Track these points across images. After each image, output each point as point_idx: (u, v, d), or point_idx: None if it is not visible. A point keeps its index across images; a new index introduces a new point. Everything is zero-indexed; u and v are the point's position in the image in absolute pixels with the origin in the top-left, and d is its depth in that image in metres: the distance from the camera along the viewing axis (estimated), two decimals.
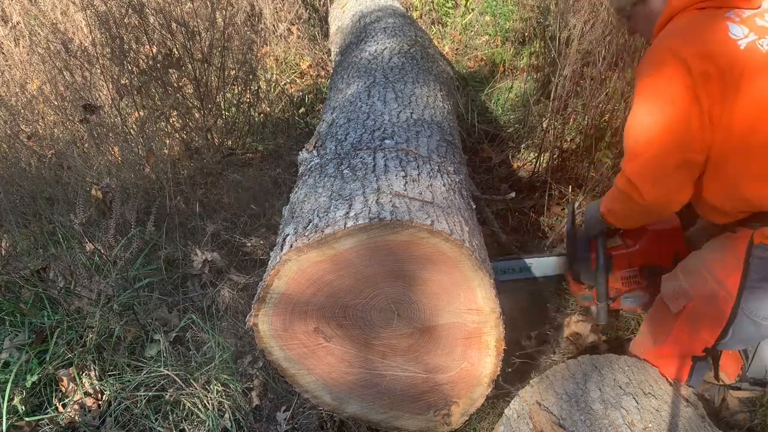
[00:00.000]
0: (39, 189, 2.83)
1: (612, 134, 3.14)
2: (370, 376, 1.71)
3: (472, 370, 1.67)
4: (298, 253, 1.48)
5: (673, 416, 1.44)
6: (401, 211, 1.48)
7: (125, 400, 2.09)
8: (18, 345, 2.22)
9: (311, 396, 1.75)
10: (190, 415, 2.03)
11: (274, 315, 1.59)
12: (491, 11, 5.05)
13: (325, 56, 4.66)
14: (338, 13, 4.14)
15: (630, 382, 1.55)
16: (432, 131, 2.10)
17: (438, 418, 1.76)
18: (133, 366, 2.19)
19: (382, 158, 1.80)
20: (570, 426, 1.44)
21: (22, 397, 2.10)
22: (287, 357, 1.66)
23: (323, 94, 4.24)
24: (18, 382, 2.12)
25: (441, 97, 2.54)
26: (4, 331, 2.26)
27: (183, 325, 2.31)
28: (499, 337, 1.60)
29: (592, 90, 3.13)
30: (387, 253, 1.49)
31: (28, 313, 2.30)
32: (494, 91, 4.25)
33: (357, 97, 2.36)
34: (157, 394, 2.08)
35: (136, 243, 2.43)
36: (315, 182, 1.77)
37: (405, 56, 2.79)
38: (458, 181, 1.90)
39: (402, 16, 3.55)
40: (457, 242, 1.46)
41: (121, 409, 2.09)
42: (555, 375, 1.65)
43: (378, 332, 1.62)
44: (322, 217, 1.54)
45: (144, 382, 2.12)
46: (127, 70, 2.93)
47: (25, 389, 2.12)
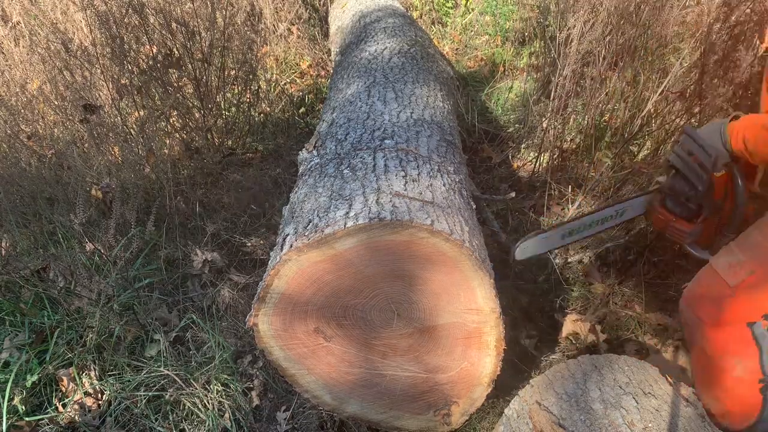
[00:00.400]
0: (39, 189, 2.83)
1: (612, 134, 3.15)
2: (370, 376, 1.71)
3: (472, 369, 1.67)
4: (298, 253, 1.49)
5: (673, 416, 1.44)
6: (401, 210, 1.48)
7: (125, 400, 2.09)
8: (18, 345, 2.22)
9: (311, 396, 1.75)
10: (190, 415, 2.04)
11: (274, 315, 1.59)
12: (491, 11, 5.05)
13: (325, 56, 4.66)
14: (338, 13, 4.14)
15: (630, 382, 1.55)
16: (432, 131, 2.10)
17: (438, 418, 1.76)
18: (133, 366, 2.19)
19: (382, 158, 1.80)
20: (570, 426, 1.44)
21: (22, 397, 2.10)
22: (287, 357, 1.66)
23: (323, 94, 4.24)
24: (18, 381, 2.12)
25: (441, 97, 2.54)
26: (4, 330, 2.26)
27: (183, 325, 2.31)
28: (499, 337, 1.60)
29: (592, 90, 3.13)
30: (387, 253, 1.49)
31: (28, 312, 2.30)
32: (494, 91, 4.25)
33: (357, 97, 2.36)
34: (157, 394, 2.08)
35: (136, 243, 2.43)
36: (315, 182, 1.77)
37: (405, 56, 2.79)
38: (458, 181, 1.90)
39: (402, 16, 3.55)
40: (457, 242, 1.46)
41: (121, 409, 2.09)
42: (555, 375, 1.65)
43: (378, 332, 1.62)
44: (322, 217, 1.54)
45: (144, 382, 2.12)
46: (127, 70, 2.93)
47: (25, 389, 2.12)
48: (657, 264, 2.52)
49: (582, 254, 2.63)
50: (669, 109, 2.94)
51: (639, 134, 3.00)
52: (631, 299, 2.42)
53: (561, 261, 2.63)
